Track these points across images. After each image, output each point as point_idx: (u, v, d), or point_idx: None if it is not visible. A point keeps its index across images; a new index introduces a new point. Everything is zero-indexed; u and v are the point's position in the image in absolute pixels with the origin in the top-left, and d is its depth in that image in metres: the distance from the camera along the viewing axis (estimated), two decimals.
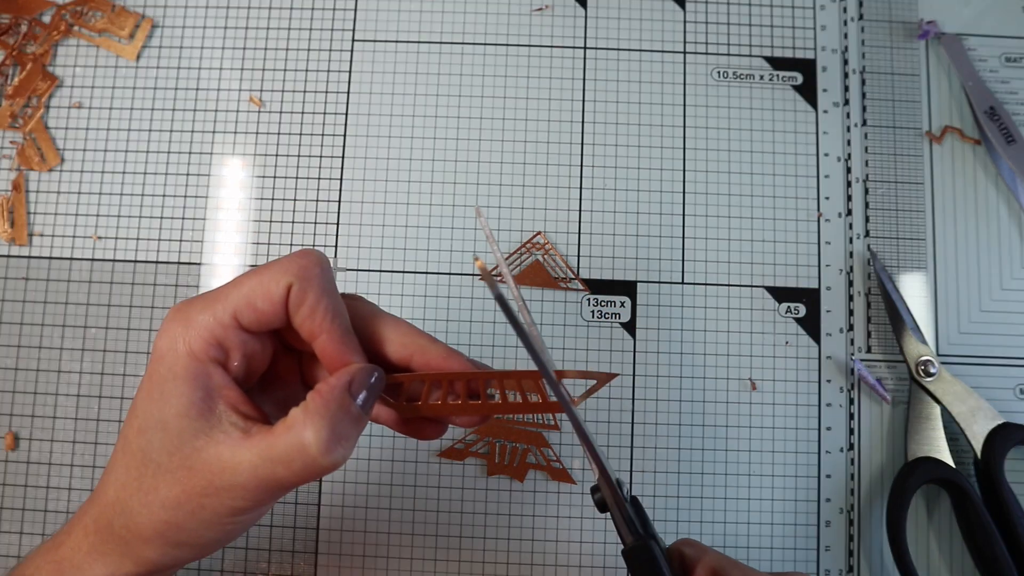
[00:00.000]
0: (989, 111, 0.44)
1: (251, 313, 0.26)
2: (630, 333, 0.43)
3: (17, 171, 0.45)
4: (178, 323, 0.26)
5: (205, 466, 0.25)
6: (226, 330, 0.26)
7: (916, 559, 0.40)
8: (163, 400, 0.26)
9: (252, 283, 0.26)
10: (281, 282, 0.26)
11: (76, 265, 0.44)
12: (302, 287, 0.26)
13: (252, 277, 0.26)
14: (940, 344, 0.43)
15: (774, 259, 0.44)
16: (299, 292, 0.26)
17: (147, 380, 0.26)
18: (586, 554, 0.41)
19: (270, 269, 0.26)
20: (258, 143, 0.45)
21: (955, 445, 0.41)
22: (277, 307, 0.26)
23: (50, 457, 0.43)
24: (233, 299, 0.26)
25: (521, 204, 0.44)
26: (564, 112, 0.45)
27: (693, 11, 0.46)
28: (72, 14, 0.46)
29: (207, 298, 0.27)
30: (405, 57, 0.46)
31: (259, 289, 0.26)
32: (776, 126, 0.45)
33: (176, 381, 0.26)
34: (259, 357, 0.28)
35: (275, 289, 0.26)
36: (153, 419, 0.26)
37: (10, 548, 0.42)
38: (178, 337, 0.26)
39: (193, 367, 0.26)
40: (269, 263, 0.27)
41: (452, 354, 0.28)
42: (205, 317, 0.26)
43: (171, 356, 0.26)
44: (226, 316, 0.26)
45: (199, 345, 0.26)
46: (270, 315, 0.26)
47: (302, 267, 0.26)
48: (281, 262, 0.27)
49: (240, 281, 0.27)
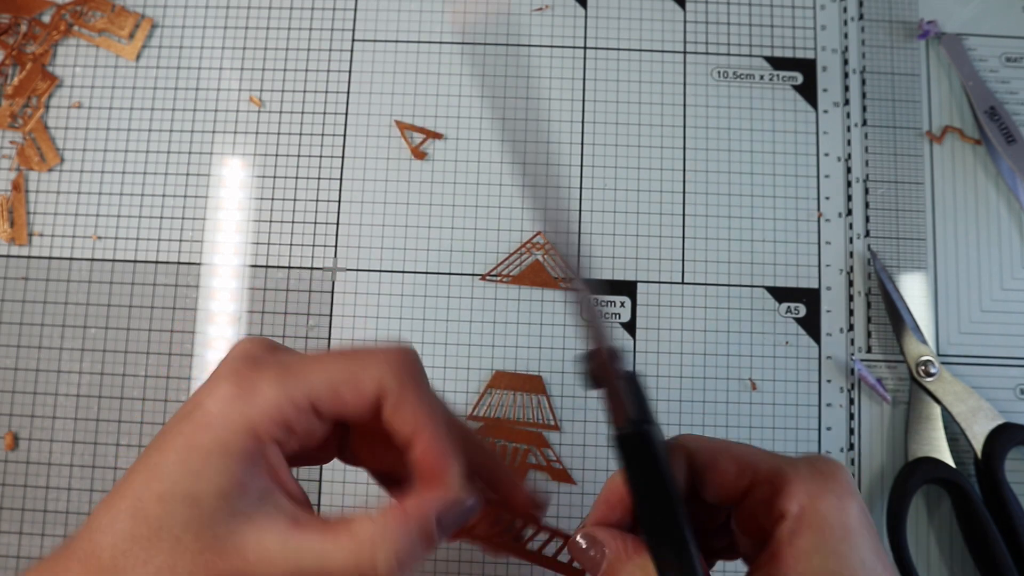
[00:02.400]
0: (989, 111, 0.44)
1: (333, 403, 0.23)
2: (630, 333, 0.43)
3: (17, 171, 0.45)
4: (240, 389, 0.23)
5: (238, 552, 0.22)
6: (299, 413, 0.23)
7: (916, 559, 0.40)
8: (201, 474, 0.22)
9: (339, 368, 0.23)
10: (375, 375, 0.23)
11: (76, 265, 0.44)
12: (401, 387, 0.23)
13: (339, 361, 0.23)
14: (940, 344, 0.43)
15: (774, 259, 0.44)
16: (397, 392, 0.23)
17: (181, 440, 0.22)
18: None
19: (361, 359, 0.23)
20: (258, 143, 0.45)
21: (955, 445, 0.41)
22: (364, 402, 0.23)
23: (50, 457, 0.43)
24: (314, 382, 0.23)
25: (521, 204, 0.44)
26: (564, 112, 0.45)
27: (693, 11, 0.46)
28: (72, 14, 0.46)
29: (280, 368, 0.23)
30: (405, 57, 0.46)
31: (348, 378, 0.23)
32: (776, 126, 0.45)
33: (225, 457, 0.22)
34: (317, 437, 0.25)
35: (367, 383, 0.23)
36: (182, 490, 0.22)
37: (10, 548, 0.42)
38: (236, 408, 0.22)
39: (249, 446, 0.22)
40: (358, 350, 0.24)
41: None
42: (276, 394, 0.22)
43: (223, 427, 0.22)
44: (302, 399, 0.23)
45: (264, 425, 0.22)
46: (353, 408, 0.23)
47: (401, 364, 0.23)
48: (376, 354, 0.24)
49: (324, 362, 0.23)
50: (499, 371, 0.43)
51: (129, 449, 0.42)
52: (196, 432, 0.22)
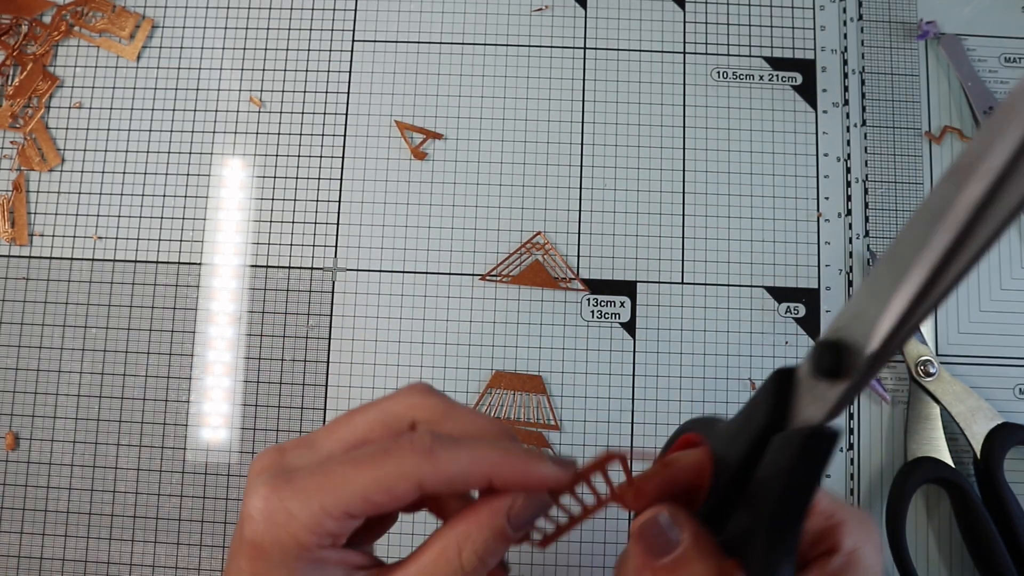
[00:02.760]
0: (989, 111, 0.44)
1: (368, 508, 0.23)
2: (630, 333, 0.43)
3: (18, 171, 0.45)
4: (278, 512, 0.23)
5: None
6: (339, 522, 0.23)
7: (916, 559, 0.40)
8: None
9: (367, 478, 0.22)
10: (411, 478, 0.22)
11: (76, 265, 0.44)
12: (438, 479, 0.22)
13: (368, 467, 0.23)
14: (940, 344, 0.43)
15: (774, 259, 0.44)
16: (437, 485, 0.23)
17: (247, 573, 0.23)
18: (586, 554, 0.41)
19: (391, 458, 0.23)
20: (258, 143, 0.45)
21: (955, 445, 0.41)
22: (400, 500, 0.23)
23: (50, 457, 0.43)
24: (345, 495, 0.22)
25: (521, 204, 0.44)
26: (564, 112, 0.45)
27: (693, 11, 0.46)
28: (72, 14, 0.46)
29: (309, 482, 0.23)
30: (405, 57, 0.46)
31: (379, 487, 0.22)
32: (776, 126, 0.45)
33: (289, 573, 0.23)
34: (382, 516, 0.25)
35: (401, 488, 0.22)
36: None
37: (10, 548, 0.42)
38: (281, 530, 0.22)
39: (305, 557, 0.23)
40: (383, 444, 0.23)
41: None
42: (312, 512, 0.22)
43: (278, 552, 0.23)
44: (337, 511, 0.22)
45: (309, 540, 0.22)
46: (391, 505, 0.23)
47: (428, 452, 0.22)
48: (403, 448, 0.23)
49: (356, 466, 0.23)
50: (499, 371, 0.43)
51: (129, 449, 0.42)
52: (254, 565, 0.23)
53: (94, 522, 0.42)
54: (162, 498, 0.42)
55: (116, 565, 0.42)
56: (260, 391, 0.43)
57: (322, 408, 0.43)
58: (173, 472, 0.42)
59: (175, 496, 0.42)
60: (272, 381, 0.43)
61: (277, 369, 0.43)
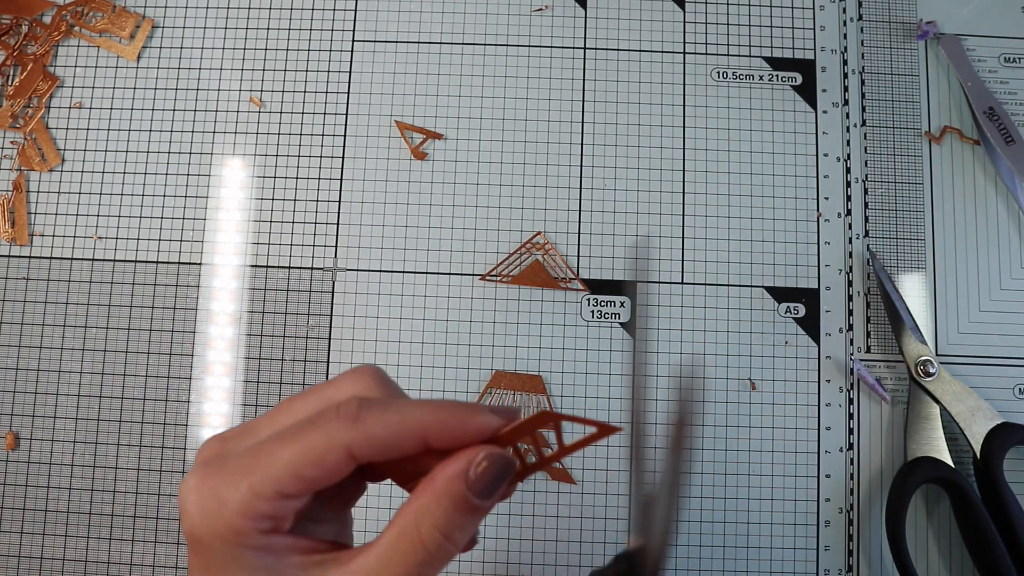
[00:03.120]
0: (988, 111, 0.44)
1: (302, 484, 0.22)
2: (630, 333, 0.43)
3: (18, 171, 0.45)
4: (209, 501, 0.22)
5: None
6: (272, 503, 0.22)
7: (915, 559, 0.40)
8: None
9: (294, 451, 0.22)
10: (339, 447, 0.22)
11: (76, 265, 0.44)
12: (368, 443, 0.22)
13: (295, 440, 0.22)
14: (939, 344, 0.43)
15: (773, 259, 0.44)
16: (367, 450, 0.22)
17: (195, 561, 0.23)
18: (586, 554, 0.41)
19: (318, 429, 0.22)
20: (258, 143, 0.45)
21: (954, 445, 0.41)
22: (333, 472, 0.22)
23: (50, 457, 0.43)
24: (273, 472, 0.21)
25: (521, 204, 0.44)
26: (564, 112, 0.45)
27: (693, 11, 0.46)
28: (73, 15, 0.46)
29: (236, 464, 0.22)
30: (405, 57, 0.46)
31: (308, 459, 0.22)
32: (776, 126, 0.45)
33: (235, 568, 0.22)
34: (327, 488, 0.23)
35: (330, 457, 0.22)
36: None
37: (11, 548, 0.42)
38: (215, 519, 0.22)
39: (246, 543, 0.22)
40: (313, 417, 0.22)
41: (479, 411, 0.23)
42: (241, 496, 0.21)
43: (218, 543, 0.22)
44: (267, 491, 0.21)
45: (245, 525, 0.22)
46: (326, 479, 0.22)
47: (354, 417, 0.22)
48: (327, 414, 0.22)
49: (283, 442, 0.22)
50: (499, 371, 0.43)
51: (130, 448, 0.43)
52: (199, 559, 0.23)
53: (94, 522, 0.42)
54: (162, 498, 0.42)
55: (116, 565, 0.42)
56: (260, 391, 0.43)
57: None
58: (173, 472, 0.42)
59: (175, 496, 0.42)
60: (272, 381, 0.43)
61: (277, 369, 0.43)
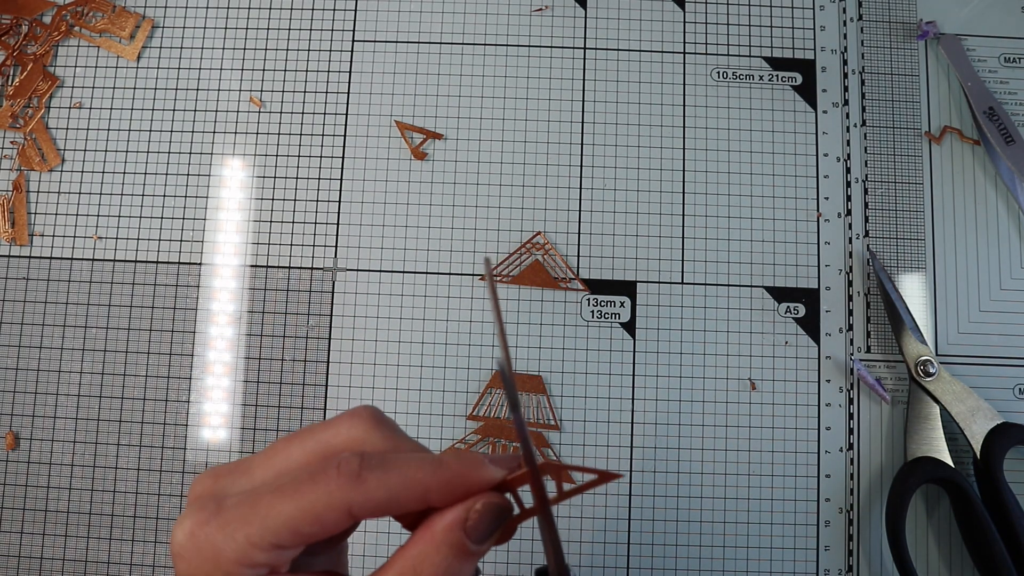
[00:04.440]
0: (988, 111, 0.44)
1: (299, 539, 0.22)
2: (630, 333, 0.43)
3: (18, 171, 0.45)
4: (205, 547, 0.22)
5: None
6: (268, 554, 0.22)
7: (915, 559, 0.40)
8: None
9: (292, 507, 0.21)
10: (339, 507, 0.21)
11: (76, 265, 0.44)
12: (368, 504, 0.22)
13: (293, 496, 0.22)
14: (939, 344, 0.43)
15: (773, 259, 0.44)
16: (367, 511, 0.22)
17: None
18: (586, 554, 0.41)
19: (318, 486, 0.22)
20: (258, 143, 0.45)
21: (954, 445, 0.41)
22: (332, 529, 0.22)
23: (50, 457, 0.43)
24: (271, 525, 0.21)
25: (521, 204, 0.44)
26: (564, 112, 0.45)
27: (693, 11, 0.46)
28: (73, 15, 0.46)
29: (233, 513, 0.22)
30: (405, 57, 0.46)
31: (307, 517, 0.21)
32: (775, 126, 0.45)
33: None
34: (312, 544, 0.23)
35: (329, 516, 0.22)
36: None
37: (11, 548, 0.42)
38: (210, 565, 0.22)
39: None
40: (313, 470, 0.22)
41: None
42: (237, 545, 0.21)
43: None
44: (264, 543, 0.21)
45: (241, 573, 0.22)
46: (323, 534, 0.22)
47: (355, 477, 0.22)
48: (329, 475, 0.22)
49: (282, 496, 0.22)
50: (499, 371, 0.43)
51: (130, 449, 0.43)
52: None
53: (94, 522, 0.42)
54: (162, 498, 0.42)
55: (116, 565, 0.42)
56: (260, 391, 0.43)
57: (322, 408, 0.43)
58: (173, 472, 0.42)
59: (175, 496, 0.42)
60: (272, 381, 0.43)
61: (277, 369, 0.43)
